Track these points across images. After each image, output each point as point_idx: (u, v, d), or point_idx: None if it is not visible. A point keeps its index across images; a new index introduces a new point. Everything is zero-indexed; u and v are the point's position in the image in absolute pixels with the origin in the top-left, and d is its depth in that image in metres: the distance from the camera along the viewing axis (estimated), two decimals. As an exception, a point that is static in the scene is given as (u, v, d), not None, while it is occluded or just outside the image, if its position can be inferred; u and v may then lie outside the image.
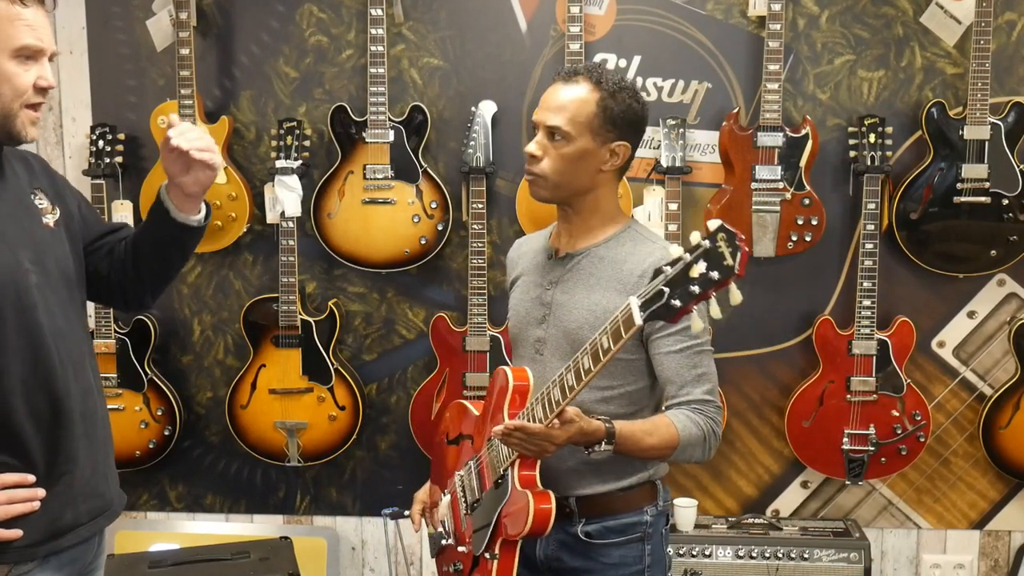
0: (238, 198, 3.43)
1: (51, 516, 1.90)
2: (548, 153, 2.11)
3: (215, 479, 3.70)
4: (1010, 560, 3.55)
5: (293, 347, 3.47)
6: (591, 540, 2.16)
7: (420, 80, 3.46)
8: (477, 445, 2.25)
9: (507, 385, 2.12)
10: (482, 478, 2.18)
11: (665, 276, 1.72)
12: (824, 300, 3.45)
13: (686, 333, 2.07)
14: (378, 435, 3.64)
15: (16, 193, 1.93)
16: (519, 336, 2.28)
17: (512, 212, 3.40)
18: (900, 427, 3.35)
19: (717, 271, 1.66)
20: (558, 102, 2.11)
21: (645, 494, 2.19)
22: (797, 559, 3.25)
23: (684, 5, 3.37)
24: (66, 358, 1.92)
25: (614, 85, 2.11)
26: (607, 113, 2.09)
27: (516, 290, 2.32)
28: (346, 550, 3.71)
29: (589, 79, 2.11)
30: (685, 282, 1.69)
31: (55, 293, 1.93)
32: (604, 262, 2.14)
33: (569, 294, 2.16)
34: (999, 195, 3.24)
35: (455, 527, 2.30)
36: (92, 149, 3.43)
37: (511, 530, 2.06)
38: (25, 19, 1.79)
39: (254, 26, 3.48)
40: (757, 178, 3.29)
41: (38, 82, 1.84)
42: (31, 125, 1.87)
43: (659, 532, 2.21)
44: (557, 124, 2.09)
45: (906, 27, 3.34)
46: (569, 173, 2.12)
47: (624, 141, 2.13)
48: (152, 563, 3.19)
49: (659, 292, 1.72)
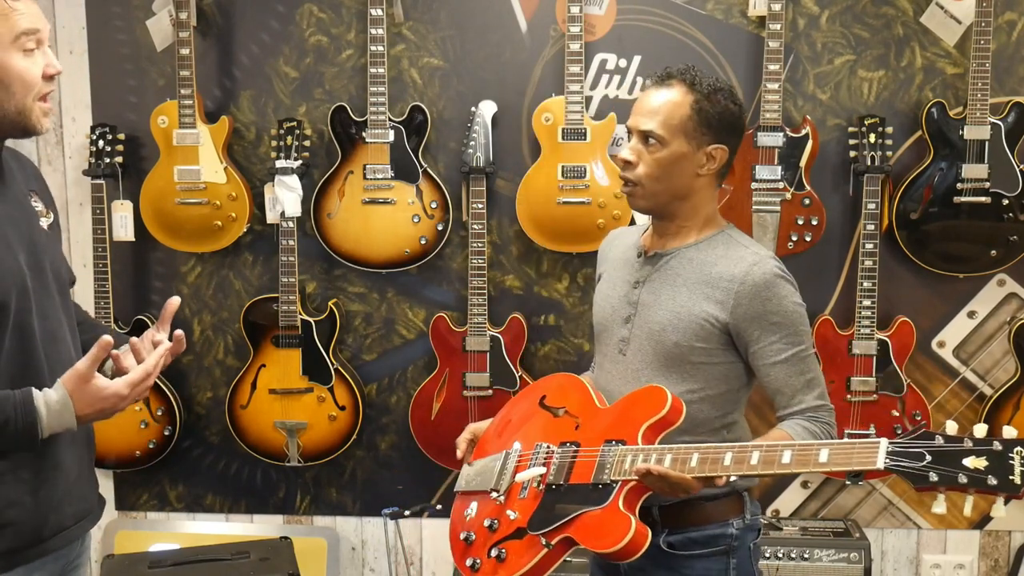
0: (238, 198, 3.43)
1: (38, 520, 1.90)
2: (642, 158, 2.08)
3: (215, 479, 3.70)
4: (1010, 560, 3.55)
5: (293, 347, 3.47)
6: (674, 551, 2.10)
7: (420, 80, 3.46)
8: (585, 436, 2.11)
9: (657, 409, 2.01)
10: (574, 468, 2.06)
11: (935, 444, 1.64)
12: (824, 300, 3.45)
13: (789, 340, 2.04)
14: (378, 435, 3.64)
15: (15, 194, 1.93)
16: (603, 333, 2.23)
17: (512, 212, 3.39)
18: (900, 427, 3.34)
19: (996, 479, 1.60)
20: (651, 106, 2.07)
21: (731, 506, 2.12)
22: (797, 559, 3.25)
23: (684, 5, 3.37)
24: (55, 363, 1.91)
25: (709, 87, 2.07)
26: (702, 115, 2.05)
27: (602, 284, 2.28)
28: (346, 550, 3.71)
29: (683, 81, 2.07)
30: (954, 465, 1.62)
31: (49, 296, 1.93)
32: (693, 264, 2.10)
33: (655, 295, 2.12)
34: (999, 195, 3.24)
35: (512, 489, 2.15)
36: (92, 149, 3.43)
37: (588, 539, 1.94)
38: (19, 10, 1.80)
39: (254, 26, 3.48)
40: (757, 178, 3.29)
41: (46, 70, 1.85)
42: (44, 116, 1.88)
43: (746, 546, 2.14)
44: (650, 128, 2.05)
45: (906, 27, 3.34)
46: (665, 179, 2.07)
47: (721, 144, 2.08)
48: (152, 563, 3.19)
49: (920, 454, 1.65)
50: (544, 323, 3.54)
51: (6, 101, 1.81)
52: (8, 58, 1.79)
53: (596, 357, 2.33)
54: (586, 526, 1.94)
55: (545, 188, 3.34)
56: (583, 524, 1.95)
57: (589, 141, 3.31)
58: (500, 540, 2.06)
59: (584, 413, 2.18)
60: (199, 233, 3.46)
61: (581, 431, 2.13)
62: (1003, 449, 1.61)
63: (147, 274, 3.61)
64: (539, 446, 2.16)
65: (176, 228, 3.46)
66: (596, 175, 3.31)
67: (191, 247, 3.51)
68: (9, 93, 1.81)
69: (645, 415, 2.01)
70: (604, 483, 1.96)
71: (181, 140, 3.40)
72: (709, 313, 2.07)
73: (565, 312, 3.51)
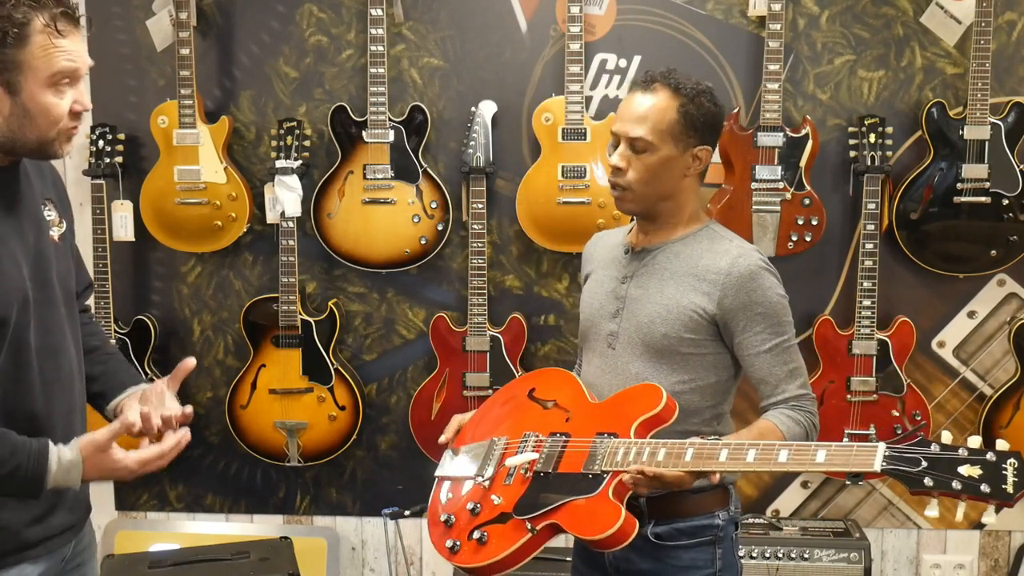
0: (238, 198, 3.43)
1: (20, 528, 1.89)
2: (632, 164, 2.11)
3: (215, 479, 3.70)
4: (1010, 560, 3.55)
5: (293, 347, 3.47)
6: (661, 542, 2.13)
7: (420, 80, 3.46)
8: (575, 428, 2.12)
9: (652, 406, 2.03)
10: (564, 457, 2.07)
11: (931, 451, 1.70)
12: (824, 300, 3.45)
13: (773, 330, 2.08)
14: (378, 435, 3.64)
15: (28, 206, 1.91)
16: (591, 330, 2.26)
17: (512, 212, 3.39)
18: (900, 427, 3.34)
19: (990, 487, 1.65)
20: (638, 112, 2.10)
21: (717, 498, 2.16)
22: (797, 559, 3.25)
23: (684, 5, 3.37)
24: (51, 377, 1.90)
25: (693, 90, 2.10)
26: (688, 119, 2.08)
27: (589, 284, 2.31)
28: (346, 550, 3.71)
29: (667, 85, 2.09)
30: (950, 472, 1.68)
31: (53, 310, 1.92)
32: (680, 257, 2.14)
33: (643, 288, 2.15)
34: (999, 195, 3.24)
35: (497, 475, 2.15)
36: (92, 149, 3.43)
37: (575, 526, 1.95)
38: (62, 47, 1.78)
39: (254, 26, 3.48)
40: (757, 178, 3.29)
41: (73, 107, 1.83)
42: (67, 143, 1.87)
43: (730, 537, 2.18)
44: (640, 135, 2.08)
45: (906, 27, 3.34)
46: (654, 183, 2.11)
47: (706, 145, 2.13)
48: (152, 563, 3.19)
49: (916, 459, 1.70)
50: (544, 323, 3.54)
51: (29, 131, 1.81)
52: (38, 91, 1.78)
53: (584, 355, 2.34)
54: (574, 513, 1.96)
55: (545, 188, 3.34)
56: (571, 511, 1.97)
57: (589, 141, 3.31)
58: (482, 524, 2.07)
59: (575, 406, 2.20)
60: (199, 233, 3.46)
61: (572, 423, 2.16)
62: (997, 460, 1.67)
63: (147, 274, 3.61)
64: (527, 435, 2.19)
65: (176, 228, 3.46)
66: (596, 175, 3.31)
67: (191, 247, 3.51)
68: (33, 125, 1.80)
69: (639, 411, 2.04)
70: (595, 473, 1.98)
71: (181, 140, 3.40)
72: (697, 304, 2.10)
73: (565, 312, 3.51)
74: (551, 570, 3.26)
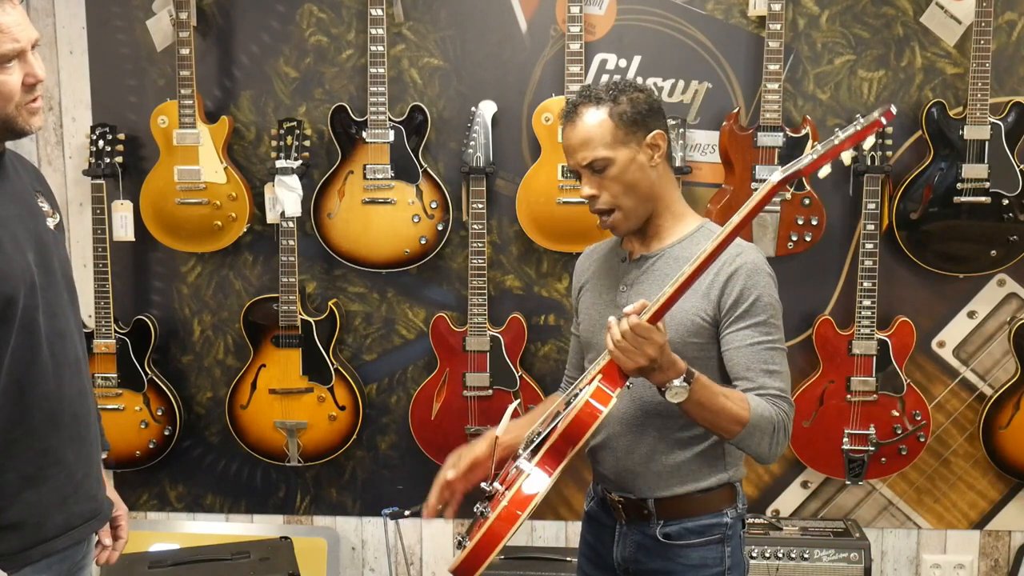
0: (238, 198, 3.43)
1: (41, 518, 1.90)
2: (603, 186, 2.12)
3: (215, 479, 3.70)
4: (1010, 560, 3.55)
5: (293, 347, 3.47)
6: (670, 541, 2.14)
7: (420, 80, 3.46)
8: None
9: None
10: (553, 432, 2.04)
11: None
12: (824, 300, 3.45)
13: (760, 329, 2.07)
14: (378, 435, 3.64)
15: (21, 193, 1.93)
16: (593, 340, 2.25)
17: (512, 212, 3.39)
18: (900, 427, 3.35)
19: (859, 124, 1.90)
20: (579, 139, 2.11)
21: (724, 496, 2.17)
22: (797, 559, 3.25)
23: (684, 5, 3.37)
24: (62, 360, 1.92)
25: (611, 92, 2.11)
26: (623, 119, 2.09)
27: (586, 295, 2.32)
28: (346, 550, 3.71)
29: (589, 102, 2.11)
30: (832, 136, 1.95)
31: (57, 294, 1.94)
32: (679, 263, 2.12)
33: (644, 296, 2.12)
34: (999, 195, 3.24)
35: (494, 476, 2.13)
36: (92, 149, 3.43)
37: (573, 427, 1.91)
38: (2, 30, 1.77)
39: (254, 26, 3.48)
40: (757, 178, 3.28)
41: (25, 79, 1.82)
42: (32, 116, 1.86)
43: (738, 535, 2.19)
44: (593, 157, 2.09)
45: (906, 27, 3.34)
46: (632, 189, 2.12)
47: (654, 130, 2.13)
48: (152, 563, 3.20)
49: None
50: (544, 323, 3.54)
51: None
52: None
53: (587, 367, 2.29)
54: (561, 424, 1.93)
55: (545, 188, 3.34)
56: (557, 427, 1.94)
57: (589, 141, 3.30)
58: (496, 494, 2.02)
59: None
60: (199, 233, 3.46)
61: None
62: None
63: (147, 274, 3.61)
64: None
65: (176, 228, 3.46)
66: (596, 175, 3.31)
67: (191, 247, 3.51)
68: None
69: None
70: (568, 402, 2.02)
71: (181, 140, 3.40)
72: (699, 308, 2.10)
73: (565, 312, 3.51)
74: (551, 570, 3.27)
